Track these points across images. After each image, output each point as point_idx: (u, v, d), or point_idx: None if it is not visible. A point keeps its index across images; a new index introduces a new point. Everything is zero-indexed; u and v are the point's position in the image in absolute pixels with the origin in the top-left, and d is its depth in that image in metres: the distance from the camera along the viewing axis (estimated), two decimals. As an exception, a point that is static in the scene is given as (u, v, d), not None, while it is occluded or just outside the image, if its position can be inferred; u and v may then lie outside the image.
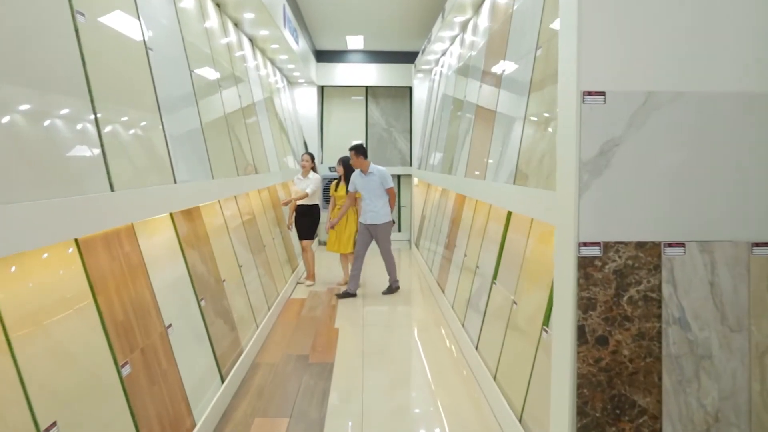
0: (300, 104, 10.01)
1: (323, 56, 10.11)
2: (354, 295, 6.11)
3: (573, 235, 2.05)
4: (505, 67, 3.80)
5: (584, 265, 2.05)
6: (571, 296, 2.07)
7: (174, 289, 3.03)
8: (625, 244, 2.03)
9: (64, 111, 2.03)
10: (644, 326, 2.03)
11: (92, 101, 2.20)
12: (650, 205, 2.03)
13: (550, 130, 2.73)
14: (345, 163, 6.40)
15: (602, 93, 2.01)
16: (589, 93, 2.02)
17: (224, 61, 4.76)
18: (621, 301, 2.04)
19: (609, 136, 2.01)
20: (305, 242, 6.64)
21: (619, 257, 2.04)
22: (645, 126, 2.01)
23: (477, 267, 4.49)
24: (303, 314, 5.45)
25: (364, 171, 5.95)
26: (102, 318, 2.17)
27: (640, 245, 2.03)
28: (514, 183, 3.16)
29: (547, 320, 2.84)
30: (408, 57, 9.92)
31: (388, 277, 6.32)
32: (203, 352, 3.28)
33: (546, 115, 2.75)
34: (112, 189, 2.22)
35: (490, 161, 3.83)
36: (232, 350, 3.78)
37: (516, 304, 3.36)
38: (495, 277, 3.94)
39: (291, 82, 9.77)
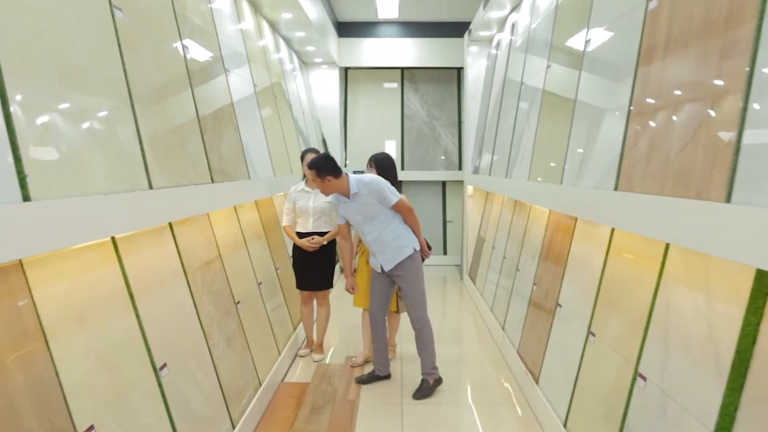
0: (317, 91, 7.79)
1: (347, 29, 7.87)
2: (386, 376, 3.83)
3: None
4: None
5: None
6: None
7: None
8: None
9: None
10: None
11: None
12: None
13: None
14: (380, 163, 3.90)
15: None
16: None
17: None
18: None
19: None
20: (320, 294, 4.29)
21: None
22: None
23: (643, 379, 2.16)
24: (297, 426, 3.18)
25: (345, 194, 3.53)
26: None
27: None
28: None
29: None
30: (456, 29, 7.60)
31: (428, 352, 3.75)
32: None
33: None
34: None
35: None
36: None
37: None
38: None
39: (306, 63, 7.57)
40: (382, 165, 3.87)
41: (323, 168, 3.44)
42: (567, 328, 3.11)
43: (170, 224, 2.59)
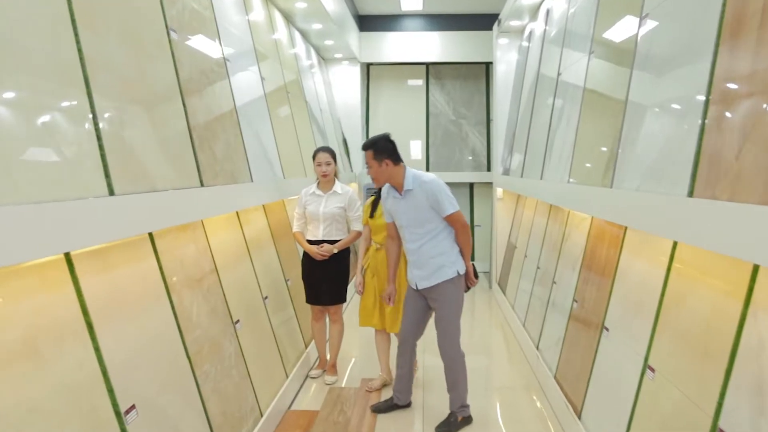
0: (338, 88, 7.40)
1: (368, 23, 7.47)
2: (406, 405, 3.40)
3: None
4: None
5: None
6: None
7: None
8: None
9: None
10: None
11: None
12: None
13: None
14: None
15: None
16: None
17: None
18: None
19: None
20: (332, 309, 3.83)
21: None
22: None
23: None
24: (302, 467, 2.79)
25: (398, 187, 3.04)
26: None
27: None
28: None
29: None
30: (485, 21, 7.13)
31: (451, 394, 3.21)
32: None
33: None
34: None
35: None
36: None
37: None
38: None
39: (325, 59, 7.20)
40: None
41: (383, 149, 2.94)
42: (617, 357, 2.64)
43: (150, 235, 2.22)
